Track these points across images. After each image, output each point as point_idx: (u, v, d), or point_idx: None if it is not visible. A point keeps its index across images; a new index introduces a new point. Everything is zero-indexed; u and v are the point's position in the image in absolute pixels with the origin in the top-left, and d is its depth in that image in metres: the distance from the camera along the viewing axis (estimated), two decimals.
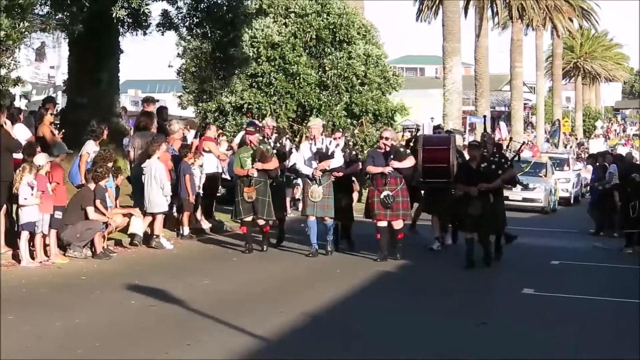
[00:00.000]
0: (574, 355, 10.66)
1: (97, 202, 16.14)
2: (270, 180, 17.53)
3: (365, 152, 23.48)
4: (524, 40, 69.27)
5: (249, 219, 17.36)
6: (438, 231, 19.00)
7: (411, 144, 19.26)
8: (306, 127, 25.87)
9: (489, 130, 42.04)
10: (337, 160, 17.36)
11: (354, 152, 19.23)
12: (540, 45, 76.80)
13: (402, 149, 17.75)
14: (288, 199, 21.53)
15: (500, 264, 17.52)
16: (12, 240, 15.33)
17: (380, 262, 16.72)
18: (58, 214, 15.41)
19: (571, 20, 73.40)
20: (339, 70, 30.66)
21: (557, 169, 39.11)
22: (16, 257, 15.06)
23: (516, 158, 20.16)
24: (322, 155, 17.08)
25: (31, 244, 15.12)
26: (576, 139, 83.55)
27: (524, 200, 31.19)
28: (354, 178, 18.75)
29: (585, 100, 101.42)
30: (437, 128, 23.77)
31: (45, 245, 15.37)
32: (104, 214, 16.26)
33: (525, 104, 78.43)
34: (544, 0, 65.79)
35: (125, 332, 10.66)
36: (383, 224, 16.92)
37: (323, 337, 11.05)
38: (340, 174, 17.55)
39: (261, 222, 17.53)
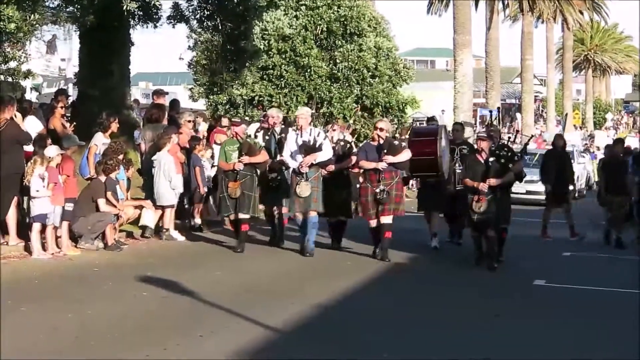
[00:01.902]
0: (587, 347, 10.62)
1: (108, 194, 16.15)
2: (258, 175, 16.59)
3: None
4: (534, 33, 69.17)
5: (233, 217, 16.48)
6: (435, 227, 18.28)
7: (407, 136, 18.62)
8: (317, 119, 25.88)
9: (495, 123, 42.13)
10: (326, 153, 16.35)
11: (347, 146, 17.92)
12: (550, 37, 76.52)
13: (396, 142, 16.86)
14: None
15: (508, 257, 16.90)
16: (23, 232, 15.37)
17: (378, 260, 16.14)
18: (69, 206, 15.44)
19: (581, 13, 73.33)
20: (349, 63, 30.70)
21: None
22: (28, 249, 15.09)
23: (524, 151, 20.10)
24: (308, 148, 16.08)
25: (43, 236, 15.14)
26: (587, 130, 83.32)
27: (528, 192, 30.53)
28: None
29: (595, 92, 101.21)
30: (430, 120, 23.00)
31: (56, 237, 15.39)
32: (115, 206, 16.28)
33: (535, 96, 78.47)
34: None
35: (137, 323, 10.65)
36: (374, 223, 16.16)
37: (334, 327, 11.05)
38: (332, 168, 16.72)
39: (242, 217, 16.36)
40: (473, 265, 16.13)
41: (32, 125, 16.79)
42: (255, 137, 17.55)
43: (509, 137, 23.54)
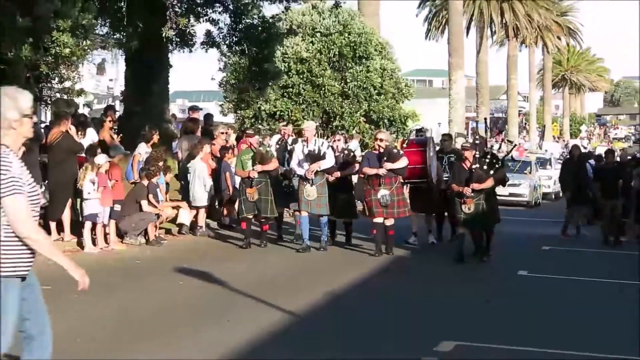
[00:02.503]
0: (569, 326, 10.58)
1: (150, 196, 16.19)
2: (271, 180, 16.32)
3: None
4: (518, 56, 69.38)
5: (251, 216, 16.26)
6: (416, 226, 17.73)
7: (404, 146, 17.98)
8: (331, 131, 25.85)
9: (482, 133, 41.92)
10: (328, 161, 16.11)
11: (350, 154, 17.60)
12: (532, 60, 76.93)
13: (395, 150, 16.54)
14: None
15: (494, 253, 16.45)
16: (76, 229, 15.39)
17: (377, 257, 15.69)
18: (117, 207, 15.45)
19: (559, 39, 73.64)
20: (358, 82, 30.61)
21: (541, 167, 38.47)
22: (80, 244, 15.11)
23: (509, 157, 19.90)
24: (313, 157, 15.90)
25: (93, 233, 15.18)
26: (564, 140, 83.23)
27: (510, 195, 30.12)
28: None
29: (571, 107, 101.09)
30: (419, 131, 22.19)
31: (105, 234, 15.41)
32: (156, 207, 16.30)
33: (519, 111, 78.28)
34: (535, 21, 65.66)
35: (174, 309, 10.66)
36: (379, 220, 15.76)
37: (345, 312, 11.04)
38: (338, 174, 16.44)
39: (263, 219, 16.36)
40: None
41: (91, 136, 16.90)
42: (269, 146, 17.53)
43: (494, 146, 22.76)
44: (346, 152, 17.54)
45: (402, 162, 15.86)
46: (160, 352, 8.47)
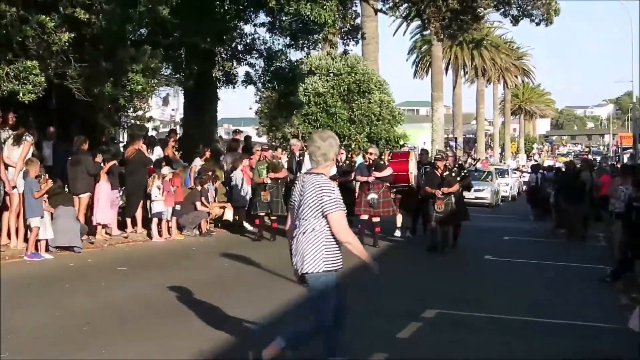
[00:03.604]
0: (527, 298, 10.50)
1: (202, 199, 16.17)
2: (282, 185, 15.85)
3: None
4: (485, 90, 69.90)
5: (263, 214, 15.85)
6: (401, 223, 17.11)
7: (389, 158, 17.21)
8: (340, 148, 25.68)
9: (454, 150, 41.76)
10: (332, 170, 14.49)
11: (351, 165, 17.10)
12: (496, 93, 77.03)
13: (382, 162, 15.93)
14: None
15: (464, 239, 16.13)
16: (146, 224, 15.40)
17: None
18: (177, 207, 15.45)
19: (516, 77, 73.87)
20: (362, 111, 30.58)
21: (500, 176, 38.10)
22: (149, 235, 15.14)
23: (473, 168, 19.55)
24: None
25: (159, 227, 15.16)
26: (517, 154, 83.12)
27: (476, 198, 29.91)
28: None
29: (526, 130, 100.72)
30: (402, 146, 21.12)
31: (168, 228, 15.40)
32: (207, 207, 16.28)
33: (486, 133, 78.22)
34: (498, 64, 65.80)
35: (218, 285, 10.58)
36: (365, 217, 15.27)
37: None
38: (337, 180, 15.30)
39: (273, 217, 15.77)
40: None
41: (158, 152, 16.94)
42: (280, 158, 17.26)
43: (464, 160, 21.88)
44: (347, 162, 17.38)
45: (387, 171, 15.44)
46: (216, 305, 8.43)
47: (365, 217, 15.35)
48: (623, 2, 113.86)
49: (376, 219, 15.40)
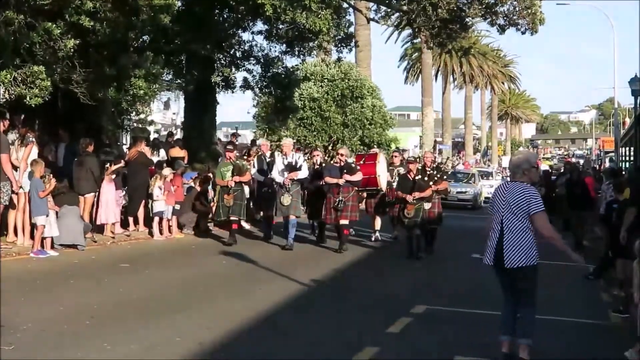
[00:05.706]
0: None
1: (202, 198, 16.14)
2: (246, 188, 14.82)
3: None
4: (473, 96, 69.99)
5: (224, 218, 14.50)
6: (378, 225, 16.22)
7: (361, 162, 15.59)
8: (335, 151, 25.76)
9: (436, 153, 41.67)
10: (303, 172, 14.36)
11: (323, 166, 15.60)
12: (483, 99, 77.54)
13: (353, 164, 14.63)
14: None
15: (450, 238, 15.79)
16: (148, 222, 15.37)
17: (343, 252, 13.85)
18: (177, 206, 15.43)
19: (503, 84, 73.97)
20: (355, 115, 30.66)
21: (484, 178, 38.03)
22: (150, 233, 15.12)
23: (451, 172, 19.25)
24: (291, 168, 14.22)
25: (160, 225, 15.15)
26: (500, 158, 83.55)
27: (459, 200, 30.09)
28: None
29: (512, 134, 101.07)
30: (370, 149, 19.84)
31: (169, 226, 15.38)
32: (206, 206, 16.25)
33: (474, 137, 78.43)
34: (485, 71, 65.87)
35: (217, 281, 10.60)
36: (329, 222, 14.28)
37: (341, 284, 10.98)
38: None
39: (233, 218, 14.40)
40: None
41: (162, 154, 16.91)
42: (251, 161, 16.19)
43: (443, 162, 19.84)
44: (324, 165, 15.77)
45: (358, 176, 14.18)
46: (215, 300, 8.45)
47: (328, 222, 14.36)
48: (606, 13, 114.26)
49: (344, 221, 13.99)
